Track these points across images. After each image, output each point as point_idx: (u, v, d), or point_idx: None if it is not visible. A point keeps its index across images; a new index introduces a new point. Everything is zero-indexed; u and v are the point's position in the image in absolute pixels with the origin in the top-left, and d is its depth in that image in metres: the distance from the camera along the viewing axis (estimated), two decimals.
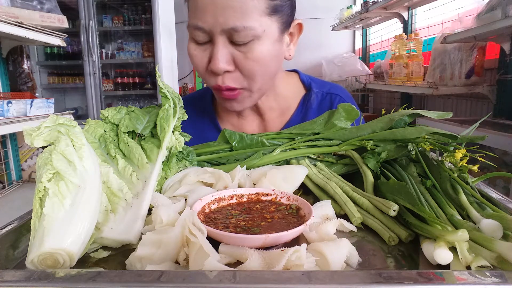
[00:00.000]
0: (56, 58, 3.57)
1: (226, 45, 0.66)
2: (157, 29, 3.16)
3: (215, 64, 0.66)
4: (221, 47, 0.66)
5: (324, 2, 4.05)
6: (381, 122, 0.62)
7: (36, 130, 0.42)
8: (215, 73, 0.68)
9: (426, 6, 2.67)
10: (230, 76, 0.68)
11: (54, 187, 0.38)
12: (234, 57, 0.67)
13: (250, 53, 0.66)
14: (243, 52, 0.66)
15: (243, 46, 0.66)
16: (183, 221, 0.38)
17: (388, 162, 0.57)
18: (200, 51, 0.69)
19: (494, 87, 1.90)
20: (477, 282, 0.27)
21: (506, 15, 1.43)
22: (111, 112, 0.59)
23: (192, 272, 0.29)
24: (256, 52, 0.66)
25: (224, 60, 0.66)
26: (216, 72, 0.67)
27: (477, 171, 0.50)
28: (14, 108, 1.40)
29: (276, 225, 0.42)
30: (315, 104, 0.87)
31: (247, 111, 0.86)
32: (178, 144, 0.59)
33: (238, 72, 0.68)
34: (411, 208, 0.41)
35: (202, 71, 0.71)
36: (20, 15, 1.44)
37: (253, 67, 0.68)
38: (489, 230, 0.38)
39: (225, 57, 0.66)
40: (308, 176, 0.58)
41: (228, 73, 0.68)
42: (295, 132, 0.67)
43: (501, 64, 1.87)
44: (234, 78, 0.69)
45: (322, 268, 0.35)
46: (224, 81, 0.68)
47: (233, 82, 0.69)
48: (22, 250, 0.42)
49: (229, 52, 0.66)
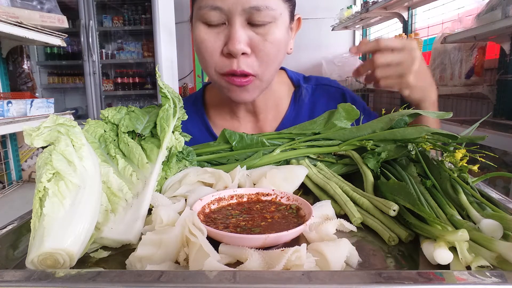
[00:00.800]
0: (56, 58, 3.57)
1: (244, 26, 0.65)
2: (157, 29, 3.16)
3: (234, 44, 0.64)
4: (240, 28, 0.64)
5: (324, 2, 4.06)
6: (381, 122, 0.62)
7: (36, 130, 0.42)
8: (232, 55, 0.66)
9: (426, 6, 2.67)
10: (245, 60, 0.67)
11: (54, 187, 0.38)
12: (251, 40, 0.66)
13: (269, 35, 0.66)
14: (261, 34, 0.66)
15: (261, 28, 0.65)
16: (183, 221, 0.38)
17: (388, 162, 0.57)
18: (212, 34, 0.67)
19: (494, 87, 1.90)
20: (477, 282, 0.27)
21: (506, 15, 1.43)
22: (111, 112, 0.59)
23: (192, 272, 0.29)
24: (274, 35, 0.66)
25: (243, 40, 0.65)
26: (235, 53, 0.65)
27: (477, 171, 0.50)
28: (14, 108, 1.40)
29: (276, 225, 0.42)
30: (307, 99, 0.87)
31: (243, 112, 0.85)
32: (178, 144, 0.59)
33: (253, 56, 0.67)
34: (411, 208, 0.41)
35: (215, 55, 0.68)
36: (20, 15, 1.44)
37: (270, 51, 0.67)
38: (489, 230, 0.38)
39: (244, 38, 0.65)
40: (308, 176, 0.58)
41: (244, 57, 0.67)
42: (295, 132, 0.67)
43: (501, 64, 1.87)
44: (249, 63, 0.67)
45: (322, 268, 0.35)
46: (239, 65, 0.67)
47: (247, 67, 0.67)
48: (22, 250, 0.42)
49: (247, 34, 0.65)
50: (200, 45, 0.69)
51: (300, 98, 0.86)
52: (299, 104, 0.86)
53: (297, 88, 0.88)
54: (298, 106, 0.86)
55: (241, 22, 0.64)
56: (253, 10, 0.63)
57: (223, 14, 0.64)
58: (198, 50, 0.71)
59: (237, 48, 0.64)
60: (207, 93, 0.93)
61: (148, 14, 3.41)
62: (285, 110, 0.86)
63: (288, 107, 0.86)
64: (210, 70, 0.71)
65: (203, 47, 0.68)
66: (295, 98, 0.87)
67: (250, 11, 0.63)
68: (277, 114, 0.87)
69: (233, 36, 0.64)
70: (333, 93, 0.89)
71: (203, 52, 0.69)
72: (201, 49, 0.69)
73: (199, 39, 0.68)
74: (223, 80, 0.71)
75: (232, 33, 0.64)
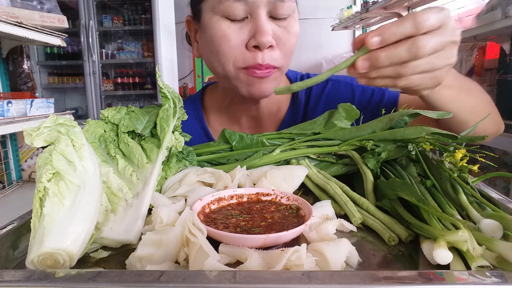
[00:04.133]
0: (56, 58, 3.57)
1: (267, 19, 0.65)
2: (157, 29, 3.16)
3: (263, 36, 0.63)
4: (266, 20, 0.64)
5: (324, 2, 4.06)
6: (381, 122, 0.62)
7: (36, 130, 0.42)
8: (259, 48, 0.65)
9: (426, 6, 2.67)
10: (270, 54, 0.66)
11: (54, 187, 0.38)
12: (274, 33, 0.65)
13: (290, 27, 0.66)
14: (283, 27, 0.66)
15: (284, 21, 0.65)
16: (183, 221, 0.38)
17: (388, 162, 0.57)
18: (235, 29, 0.65)
19: (494, 87, 1.90)
20: (477, 282, 0.27)
21: (506, 15, 1.43)
22: (111, 112, 0.59)
23: (192, 272, 0.29)
24: (295, 27, 0.67)
25: (270, 32, 0.64)
26: (264, 45, 0.64)
27: (477, 171, 0.50)
28: (14, 108, 1.40)
29: (276, 225, 0.42)
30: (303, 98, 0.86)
31: (244, 117, 0.84)
32: (178, 144, 0.59)
33: (277, 49, 0.67)
34: (416, 203, 0.41)
35: (237, 49, 0.66)
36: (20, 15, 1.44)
37: (292, 43, 0.67)
38: (489, 230, 0.38)
39: (270, 30, 0.64)
40: (308, 176, 0.58)
41: (269, 50, 0.66)
42: (295, 132, 0.67)
43: (501, 64, 1.86)
44: (273, 56, 0.67)
45: (322, 268, 0.35)
46: (264, 59, 0.66)
47: (271, 60, 0.67)
48: (22, 250, 0.42)
49: (271, 28, 0.65)
50: (220, 40, 0.67)
51: (297, 99, 0.86)
52: (297, 104, 0.86)
53: None
54: (296, 106, 0.86)
55: (264, 14, 0.64)
56: (278, 1, 0.63)
57: (247, 6, 0.63)
58: (215, 46, 0.68)
59: (267, 40, 0.63)
60: (206, 97, 0.92)
61: (148, 14, 3.41)
62: (284, 112, 0.86)
63: (287, 108, 0.86)
64: (228, 65, 0.68)
65: (225, 42, 0.66)
66: (293, 99, 0.86)
67: (274, 3, 0.63)
68: (276, 118, 0.86)
69: (261, 28, 0.63)
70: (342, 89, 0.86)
71: (224, 47, 0.67)
72: (221, 44, 0.67)
73: (220, 33, 0.66)
74: (243, 73, 0.68)
75: (260, 26, 0.63)
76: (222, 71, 0.71)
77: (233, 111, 0.85)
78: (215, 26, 0.67)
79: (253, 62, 0.66)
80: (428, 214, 0.40)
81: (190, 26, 0.79)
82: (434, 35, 0.43)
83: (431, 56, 0.44)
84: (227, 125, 0.86)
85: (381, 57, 0.43)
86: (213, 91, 0.91)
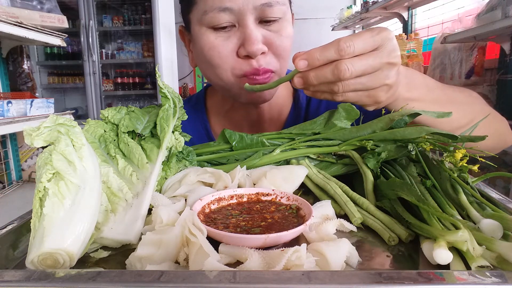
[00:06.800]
0: (56, 58, 3.58)
1: (256, 26, 0.64)
2: (157, 29, 3.16)
3: (252, 45, 0.62)
4: (254, 27, 0.63)
5: (324, 2, 4.06)
6: (381, 122, 0.62)
7: (36, 130, 0.42)
8: (251, 56, 0.64)
9: (426, 6, 2.68)
10: (264, 59, 0.65)
11: (54, 187, 0.38)
12: (266, 38, 0.64)
13: (282, 30, 0.65)
14: (274, 30, 0.64)
15: (274, 25, 0.64)
16: (183, 221, 0.38)
17: (388, 162, 0.57)
18: (222, 39, 0.64)
19: (494, 87, 1.90)
20: (477, 282, 0.27)
21: (506, 15, 1.43)
22: (111, 112, 0.59)
23: (192, 272, 0.29)
24: (287, 29, 0.65)
25: (260, 40, 0.63)
26: (254, 54, 0.63)
27: (477, 171, 0.50)
28: (14, 108, 1.40)
29: (276, 225, 0.42)
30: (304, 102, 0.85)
31: (245, 122, 0.84)
32: (178, 144, 0.59)
33: (270, 54, 0.66)
34: (417, 203, 0.41)
35: (230, 59, 0.65)
36: (20, 15, 1.44)
37: (286, 45, 0.66)
38: (489, 230, 0.38)
39: (260, 38, 0.63)
40: (308, 176, 0.58)
41: (262, 56, 0.65)
42: (295, 132, 0.67)
43: (501, 64, 1.87)
44: (268, 61, 0.66)
45: (322, 268, 0.35)
46: (260, 63, 0.65)
47: (267, 64, 0.66)
48: (22, 250, 0.42)
49: (261, 33, 0.64)
50: (209, 52, 0.66)
51: (299, 103, 0.85)
52: (299, 107, 0.85)
53: (296, 90, 0.86)
54: (298, 109, 0.85)
55: (252, 21, 0.63)
56: (265, 6, 0.61)
57: (232, 15, 0.62)
58: (207, 57, 0.67)
59: (257, 48, 0.62)
60: (208, 98, 0.91)
61: (148, 14, 3.41)
62: (285, 118, 0.85)
63: (289, 111, 0.85)
64: (225, 74, 0.67)
65: (214, 53, 0.65)
66: (295, 102, 0.85)
67: (261, 8, 0.62)
68: (278, 123, 0.85)
69: (249, 37, 0.62)
70: None
71: (214, 58, 0.66)
72: (212, 56, 0.66)
73: (209, 46, 0.65)
74: (244, 81, 0.67)
75: (248, 34, 0.62)
76: (220, 81, 0.70)
77: (234, 116, 0.84)
78: (203, 38, 0.66)
79: (250, 68, 0.65)
80: (428, 214, 0.40)
81: (183, 36, 0.78)
82: (362, 59, 0.45)
83: (362, 77, 0.46)
84: (229, 127, 0.85)
85: (310, 77, 0.47)
86: (214, 94, 0.90)
